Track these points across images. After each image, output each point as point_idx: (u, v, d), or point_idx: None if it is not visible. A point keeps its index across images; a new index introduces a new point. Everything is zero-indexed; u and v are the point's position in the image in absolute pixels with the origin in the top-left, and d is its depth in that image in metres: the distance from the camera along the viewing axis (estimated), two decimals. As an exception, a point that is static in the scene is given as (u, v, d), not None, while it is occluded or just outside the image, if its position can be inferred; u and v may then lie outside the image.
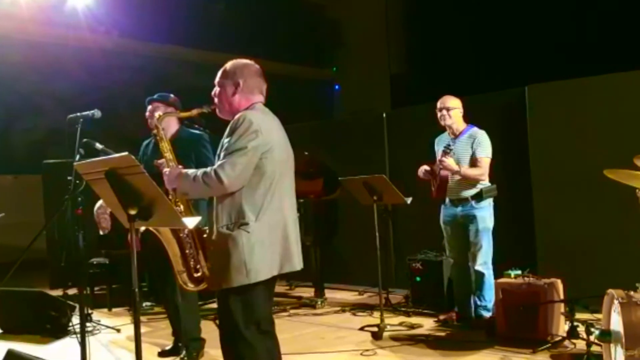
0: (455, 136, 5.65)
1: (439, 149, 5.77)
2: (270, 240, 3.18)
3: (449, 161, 5.45)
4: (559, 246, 5.96)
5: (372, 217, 5.62)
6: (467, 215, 5.57)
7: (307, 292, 7.49)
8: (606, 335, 3.97)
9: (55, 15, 10.31)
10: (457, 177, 5.54)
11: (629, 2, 10.16)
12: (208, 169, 3.16)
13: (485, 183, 5.56)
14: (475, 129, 5.62)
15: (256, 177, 3.17)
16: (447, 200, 5.71)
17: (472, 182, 5.53)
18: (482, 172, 5.51)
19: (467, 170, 5.50)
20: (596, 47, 10.41)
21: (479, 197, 5.52)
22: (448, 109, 5.62)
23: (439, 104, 5.68)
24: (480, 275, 5.52)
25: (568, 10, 10.89)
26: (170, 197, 3.49)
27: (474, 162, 5.53)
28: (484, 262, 5.53)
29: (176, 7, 11.92)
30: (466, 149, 5.56)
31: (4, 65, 9.93)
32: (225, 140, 3.21)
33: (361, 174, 5.67)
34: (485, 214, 5.53)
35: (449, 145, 5.52)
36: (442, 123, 5.68)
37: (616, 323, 3.82)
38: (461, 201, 5.59)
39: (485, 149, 5.52)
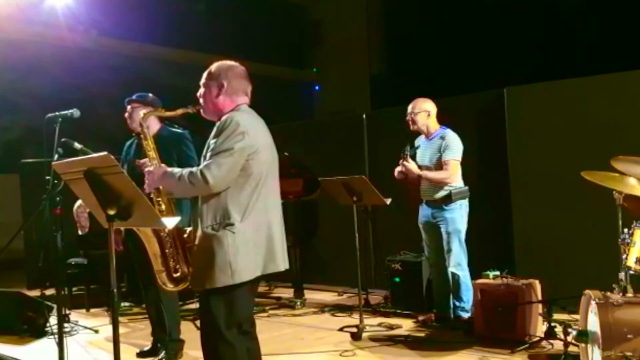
0: (428, 138, 5.71)
1: (416, 151, 5.82)
2: (254, 241, 3.19)
3: (410, 165, 5.53)
4: (537, 247, 6.01)
5: (352, 217, 5.63)
6: (438, 217, 5.61)
7: (287, 293, 7.49)
8: (583, 336, 4.01)
9: (34, 14, 10.21)
10: (426, 180, 5.59)
11: (606, 6, 10.29)
12: (194, 169, 3.16)
13: (455, 185, 5.57)
14: (446, 131, 5.64)
15: (242, 178, 3.18)
16: (423, 201, 5.76)
17: (440, 184, 5.57)
18: (447, 175, 5.52)
19: (428, 173, 5.56)
20: (574, 50, 10.53)
21: (448, 199, 5.56)
22: (414, 114, 5.68)
23: (408, 109, 5.73)
24: (456, 277, 5.55)
25: (546, 13, 11.00)
26: (152, 196, 3.47)
27: (441, 165, 5.57)
28: (457, 263, 5.55)
29: (156, 7, 11.87)
30: (436, 150, 5.60)
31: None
32: (211, 141, 3.21)
33: (341, 174, 5.67)
34: (455, 216, 5.55)
35: (405, 150, 5.59)
36: (411, 128, 5.74)
37: (593, 324, 3.86)
38: (435, 203, 5.64)
39: (452, 152, 5.53)
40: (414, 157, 5.79)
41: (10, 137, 10.52)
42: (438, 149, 5.58)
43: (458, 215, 5.56)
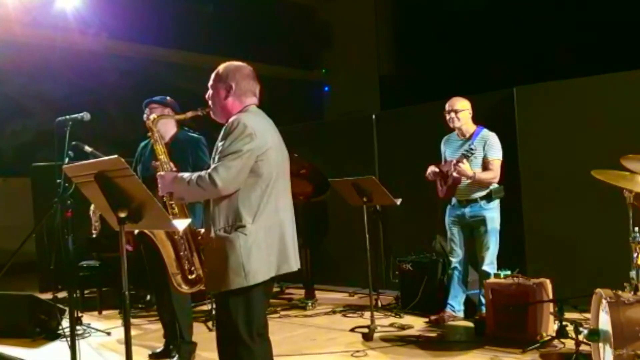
0: (467, 138, 5.67)
1: (446, 149, 5.79)
2: (267, 241, 3.19)
3: (465, 166, 5.46)
4: (548, 246, 6.00)
5: (362, 218, 5.63)
6: (476, 216, 5.60)
7: (298, 294, 7.50)
8: (595, 335, 4.00)
9: (43, 17, 10.25)
10: (472, 180, 5.56)
11: (616, 5, 10.23)
12: (203, 173, 3.17)
13: (494, 184, 5.59)
14: (486, 131, 5.63)
15: (252, 179, 3.18)
16: (453, 200, 5.73)
17: (486, 185, 5.55)
18: (495, 175, 5.53)
19: (481, 174, 5.52)
20: (584, 48, 10.47)
21: (488, 198, 5.55)
22: (456, 112, 5.64)
23: (447, 107, 5.69)
24: (487, 275, 5.52)
25: (556, 11, 10.95)
26: (165, 199, 3.50)
27: (485, 165, 5.55)
28: (490, 262, 5.56)
29: (165, 9, 11.90)
30: (479, 151, 5.58)
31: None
32: (219, 144, 3.21)
33: (351, 175, 5.68)
34: (494, 215, 5.57)
35: (472, 149, 5.48)
36: (451, 125, 5.69)
37: (605, 322, 3.85)
38: (470, 202, 5.62)
39: (497, 151, 5.55)
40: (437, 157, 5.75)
41: (22, 141, 10.58)
42: (481, 150, 5.55)
43: (496, 214, 5.59)
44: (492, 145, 5.55)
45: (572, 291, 4.95)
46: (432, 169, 5.73)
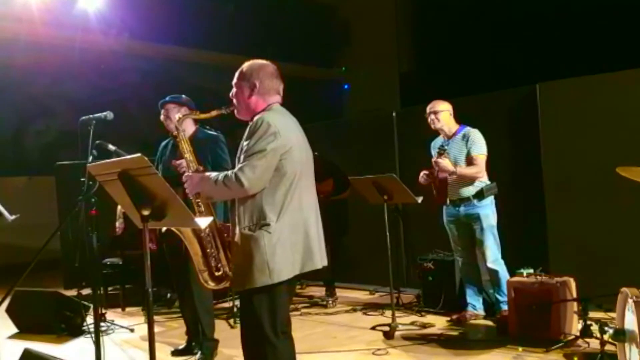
0: (449, 137, 5.68)
1: (435, 152, 5.80)
2: (291, 240, 3.21)
3: (445, 162, 5.51)
4: (572, 244, 5.94)
5: (383, 216, 5.62)
6: (470, 215, 5.59)
7: (318, 292, 7.51)
8: (620, 335, 3.95)
9: (66, 18, 10.36)
10: (455, 177, 5.57)
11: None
12: (229, 172, 3.19)
13: (485, 181, 5.58)
14: (468, 128, 5.65)
15: (276, 177, 3.20)
16: (447, 200, 5.73)
17: (470, 180, 5.54)
18: (479, 170, 5.53)
19: (463, 169, 5.54)
20: (608, 44, 10.36)
21: (480, 195, 5.54)
22: (436, 113, 5.69)
23: (427, 109, 5.75)
24: (494, 273, 5.53)
25: (579, 7, 10.85)
26: (191, 197, 3.54)
27: (469, 161, 5.56)
28: (494, 259, 5.53)
29: (186, 9, 11.95)
30: (461, 148, 5.60)
31: (15, 68, 9.98)
32: (244, 143, 3.23)
33: (371, 173, 5.68)
34: (488, 212, 5.56)
35: (443, 146, 5.57)
36: (433, 127, 5.75)
37: (631, 322, 3.80)
38: (462, 200, 5.62)
39: (479, 147, 5.54)
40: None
41: (46, 140, 10.71)
42: (462, 147, 5.58)
43: (490, 211, 5.56)
44: (474, 141, 5.55)
45: (597, 290, 4.89)
46: (423, 172, 5.73)
